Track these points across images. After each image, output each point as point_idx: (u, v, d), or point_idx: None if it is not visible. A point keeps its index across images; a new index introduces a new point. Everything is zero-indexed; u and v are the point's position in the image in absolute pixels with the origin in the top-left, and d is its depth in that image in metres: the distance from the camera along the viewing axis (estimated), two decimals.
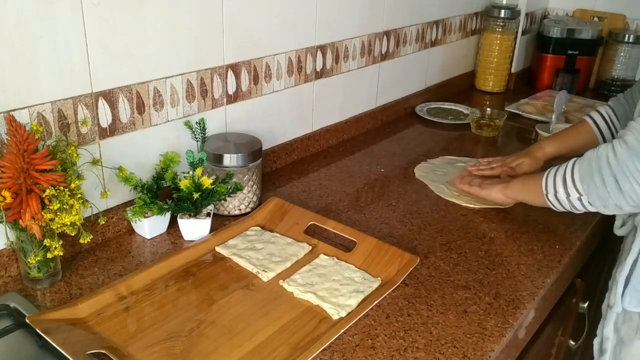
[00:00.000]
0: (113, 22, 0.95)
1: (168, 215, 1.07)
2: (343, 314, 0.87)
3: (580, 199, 0.99)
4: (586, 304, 1.30)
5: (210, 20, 1.12)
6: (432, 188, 1.31)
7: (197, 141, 1.14)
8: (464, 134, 1.70)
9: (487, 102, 2.04)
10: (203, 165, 1.06)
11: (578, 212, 1.02)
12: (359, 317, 0.87)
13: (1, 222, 0.83)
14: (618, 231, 1.11)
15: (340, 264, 1.00)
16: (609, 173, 0.93)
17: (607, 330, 1.08)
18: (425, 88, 1.92)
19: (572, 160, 1.01)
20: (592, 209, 0.99)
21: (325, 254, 1.03)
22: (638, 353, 1.02)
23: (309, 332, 0.84)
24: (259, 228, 1.10)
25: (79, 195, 0.85)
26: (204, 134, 1.14)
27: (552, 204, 1.05)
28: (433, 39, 1.86)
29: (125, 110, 1.02)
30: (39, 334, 0.77)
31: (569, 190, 1.00)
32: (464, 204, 1.25)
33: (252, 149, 1.13)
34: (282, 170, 1.38)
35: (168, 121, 1.10)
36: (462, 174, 1.32)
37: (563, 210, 1.05)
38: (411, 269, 0.98)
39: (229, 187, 1.07)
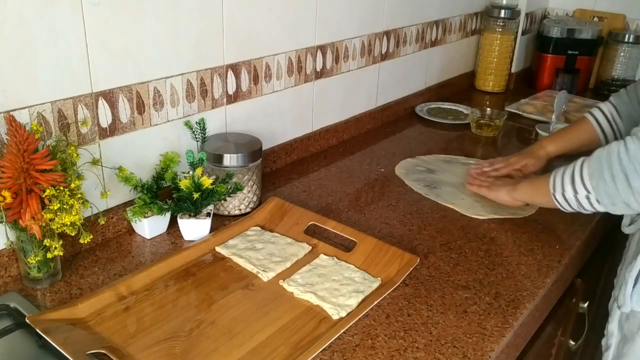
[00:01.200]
0: (113, 22, 0.95)
1: (168, 215, 1.07)
2: (343, 314, 0.87)
3: (588, 197, 0.97)
4: (586, 304, 1.30)
5: (210, 20, 1.12)
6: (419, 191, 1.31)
7: (197, 141, 1.14)
8: (464, 134, 1.70)
9: (487, 102, 2.04)
10: (203, 165, 1.06)
11: (586, 212, 1.00)
12: (359, 317, 0.87)
13: (1, 222, 0.83)
14: (626, 229, 1.08)
15: (340, 264, 1.00)
16: (619, 169, 0.91)
17: (612, 326, 1.08)
18: (425, 88, 1.92)
19: (580, 159, 0.99)
20: (600, 208, 0.97)
21: (325, 254, 1.03)
22: (639, 349, 1.02)
23: (309, 332, 0.84)
24: (259, 228, 1.10)
25: (79, 195, 0.85)
26: (204, 134, 1.14)
27: (559, 203, 1.03)
28: (433, 39, 1.86)
29: (125, 110, 1.02)
30: (39, 334, 0.77)
31: (577, 188, 0.98)
32: (472, 216, 1.20)
33: (252, 149, 1.13)
34: (282, 170, 1.38)
35: (168, 121, 1.10)
36: (472, 177, 1.29)
37: (571, 210, 1.02)
38: (411, 269, 0.98)
39: (229, 187, 1.07)
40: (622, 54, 2.12)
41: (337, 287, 0.93)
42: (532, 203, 1.13)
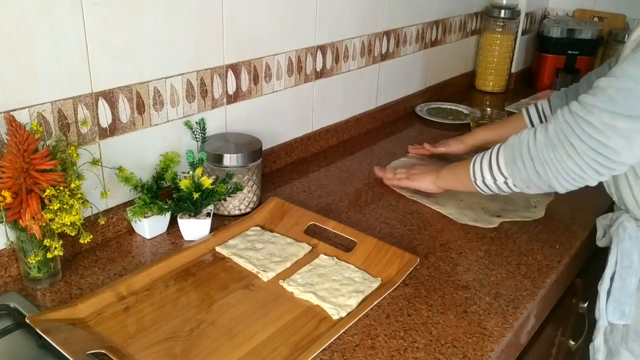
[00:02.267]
0: (113, 22, 0.95)
1: (168, 215, 1.07)
2: (343, 314, 0.87)
3: (506, 182, 1.02)
4: (586, 304, 1.30)
5: (210, 20, 1.12)
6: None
7: (197, 141, 1.14)
8: (464, 134, 1.70)
9: (487, 102, 2.04)
10: (203, 165, 1.06)
11: (505, 193, 1.06)
12: (359, 317, 0.87)
13: (1, 222, 0.83)
14: (599, 242, 1.12)
15: (340, 264, 1.00)
16: (529, 158, 0.96)
17: (597, 341, 1.08)
18: (425, 88, 1.92)
19: (497, 146, 1.04)
20: (517, 190, 1.03)
21: (325, 254, 1.03)
22: None
23: (309, 332, 0.84)
24: (259, 228, 1.10)
25: (79, 195, 0.85)
26: (204, 134, 1.14)
27: (480, 189, 1.08)
28: (433, 39, 1.86)
29: (125, 110, 1.02)
30: (39, 334, 0.77)
31: (495, 175, 1.03)
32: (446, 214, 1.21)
33: (252, 149, 1.13)
34: (282, 170, 1.38)
35: (168, 121, 1.10)
36: (381, 168, 1.34)
37: (490, 193, 1.08)
38: (411, 269, 0.98)
39: (229, 187, 1.07)
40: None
41: (337, 287, 0.93)
42: (454, 189, 1.20)
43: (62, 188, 0.82)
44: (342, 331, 0.84)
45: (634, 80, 0.83)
